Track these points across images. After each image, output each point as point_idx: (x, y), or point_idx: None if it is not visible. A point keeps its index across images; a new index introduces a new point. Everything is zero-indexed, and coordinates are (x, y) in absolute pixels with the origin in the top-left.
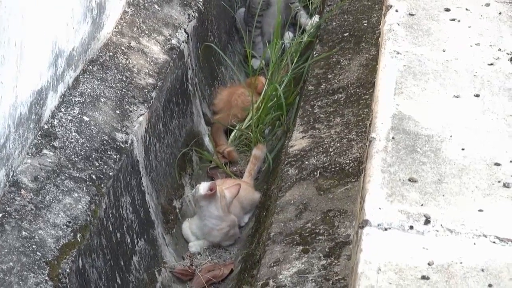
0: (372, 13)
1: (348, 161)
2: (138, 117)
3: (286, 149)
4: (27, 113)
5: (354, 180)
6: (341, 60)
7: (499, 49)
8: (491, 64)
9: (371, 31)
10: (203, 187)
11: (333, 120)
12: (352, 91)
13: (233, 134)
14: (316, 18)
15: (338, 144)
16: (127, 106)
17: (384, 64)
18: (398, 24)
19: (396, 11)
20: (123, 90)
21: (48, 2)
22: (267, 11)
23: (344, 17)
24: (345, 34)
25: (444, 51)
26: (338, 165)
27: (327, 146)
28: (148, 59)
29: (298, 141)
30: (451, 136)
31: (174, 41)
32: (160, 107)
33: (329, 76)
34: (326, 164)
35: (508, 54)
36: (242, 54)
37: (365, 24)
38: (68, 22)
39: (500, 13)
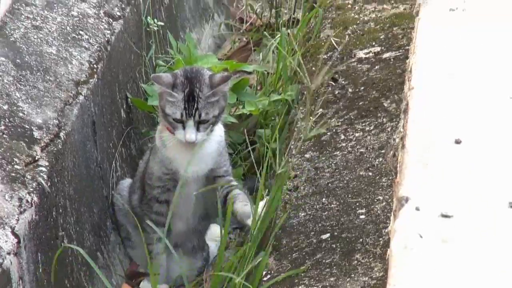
0: (376, 189)
1: None
2: None
3: None
4: None
5: None
6: None
7: None
8: None
9: (373, 229)
10: None
11: None
12: None
13: None
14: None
15: None
16: None
17: None
18: (422, 239)
19: (417, 209)
20: None
21: None
22: (173, 192)
23: (322, 201)
24: (324, 236)
25: None
26: None
27: None
28: None
29: None
30: None
31: None
32: None
33: None
34: None
35: None
36: (128, 272)
37: (363, 216)
38: None
39: None
